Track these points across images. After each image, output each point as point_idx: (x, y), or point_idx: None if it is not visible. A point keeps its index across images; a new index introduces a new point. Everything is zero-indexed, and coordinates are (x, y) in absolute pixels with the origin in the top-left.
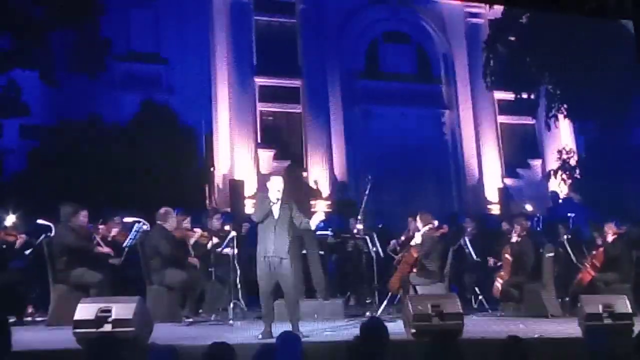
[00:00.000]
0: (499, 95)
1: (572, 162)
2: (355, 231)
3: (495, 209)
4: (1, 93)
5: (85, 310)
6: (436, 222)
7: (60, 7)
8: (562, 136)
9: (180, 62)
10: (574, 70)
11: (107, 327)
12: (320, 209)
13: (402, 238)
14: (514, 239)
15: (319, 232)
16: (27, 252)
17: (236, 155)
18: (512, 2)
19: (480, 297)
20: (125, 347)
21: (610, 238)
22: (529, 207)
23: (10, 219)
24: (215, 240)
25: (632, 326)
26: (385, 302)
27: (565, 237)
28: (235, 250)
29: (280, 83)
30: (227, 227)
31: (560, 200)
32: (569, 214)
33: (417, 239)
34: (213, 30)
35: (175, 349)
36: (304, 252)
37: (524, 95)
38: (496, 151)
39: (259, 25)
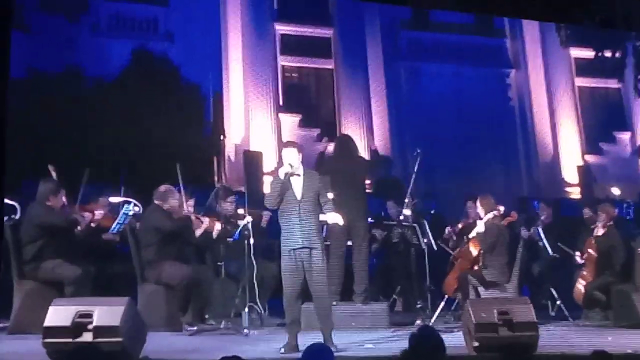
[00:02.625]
0: (576, 52)
1: None
2: (401, 218)
3: (574, 193)
4: None
5: (58, 315)
6: (502, 208)
7: None
8: None
9: (183, 2)
10: None
11: (87, 337)
12: (330, 208)
13: (460, 227)
14: (599, 230)
15: None
16: None
17: (252, 121)
18: (521, 12)
19: (558, 302)
20: None
21: None
22: (615, 191)
23: None
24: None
25: None
26: (440, 308)
27: None
28: (252, 240)
29: (307, 32)
30: (240, 211)
31: None
32: None
33: (479, 229)
34: None
35: None
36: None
37: (607, 54)
38: (574, 121)
39: None
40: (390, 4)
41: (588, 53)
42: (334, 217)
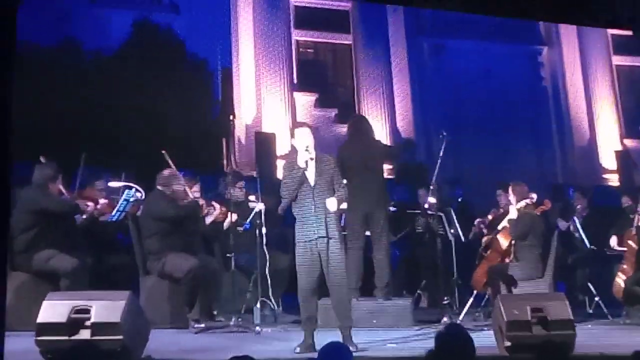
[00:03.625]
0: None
1: None
2: (426, 206)
3: (612, 180)
4: None
5: (53, 310)
6: (535, 196)
7: None
8: None
9: None
10: None
11: (85, 334)
12: (342, 195)
13: (490, 217)
14: (639, 220)
15: None
16: None
17: (264, 100)
18: (524, 13)
19: (596, 298)
20: None
21: None
22: None
23: None
24: (235, 215)
25: None
26: (468, 304)
27: None
28: (264, 230)
29: (324, 4)
30: (252, 198)
31: None
32: None
33: (511, 216)
34: None
35: None
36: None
37: None
38: (612, 102)
39: None
40: (396, 5)
41: (626, 30)
42: (329, 203)
